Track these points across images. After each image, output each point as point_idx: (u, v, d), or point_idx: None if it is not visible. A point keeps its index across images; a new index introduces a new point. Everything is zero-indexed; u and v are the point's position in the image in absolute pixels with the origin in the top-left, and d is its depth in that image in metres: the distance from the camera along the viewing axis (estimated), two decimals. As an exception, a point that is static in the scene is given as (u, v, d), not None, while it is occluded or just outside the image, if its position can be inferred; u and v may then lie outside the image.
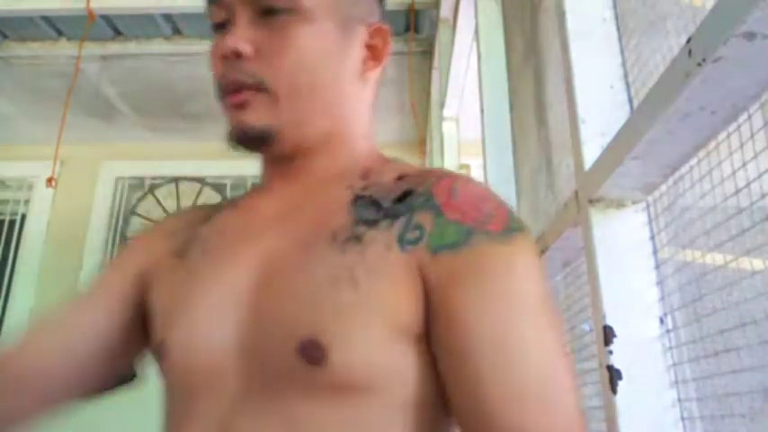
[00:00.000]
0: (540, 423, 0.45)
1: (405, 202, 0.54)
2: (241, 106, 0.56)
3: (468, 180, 0.55)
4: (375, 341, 0.49)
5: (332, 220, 0.55)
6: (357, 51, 0.61)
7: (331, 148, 0.60)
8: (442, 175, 0.56)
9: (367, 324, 0.49)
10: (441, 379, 0.50)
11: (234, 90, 0.56)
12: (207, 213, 0.67)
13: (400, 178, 0.57)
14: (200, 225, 0.65)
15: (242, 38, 0.55)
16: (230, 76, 0.56)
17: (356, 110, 0.62)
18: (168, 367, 0.56)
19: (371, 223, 0.53)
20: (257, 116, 0.56)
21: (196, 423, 0.52)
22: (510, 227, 0.51)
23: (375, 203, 0.55)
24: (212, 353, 0.54)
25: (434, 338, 0.50)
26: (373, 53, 0.62)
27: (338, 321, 0.49)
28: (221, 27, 0.59)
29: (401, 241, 0.51)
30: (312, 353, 0.48)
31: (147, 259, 0.64)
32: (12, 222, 2.91)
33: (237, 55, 0.55)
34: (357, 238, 0.52)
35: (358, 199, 0.56)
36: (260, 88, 0.55)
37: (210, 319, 0.55)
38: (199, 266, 0.59)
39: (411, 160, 2.89)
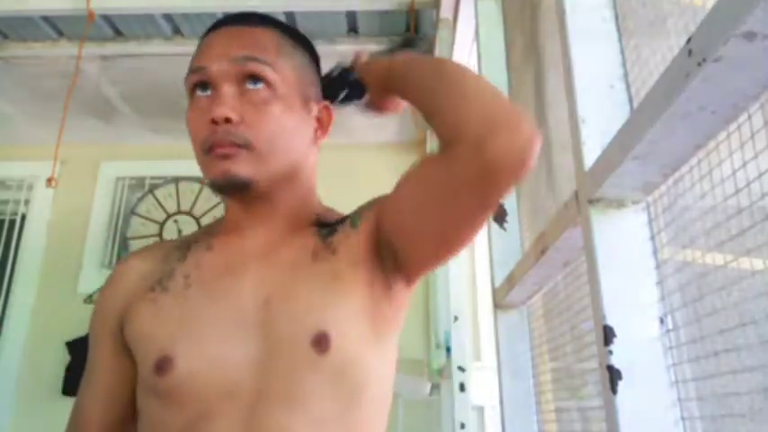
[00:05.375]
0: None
1: (344, 220, 0.77)
2: (227, 157, 0.69)
3: None
4: (357, 332, 0.68)
5: (308, 247, 0.74)
6: (311, 123, 0.78)
7: (289, 195, 0.77)
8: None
9: (351, 316, 0.69)
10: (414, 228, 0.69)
11: (222, 145, 0.69)
12: (176, 249, 0.79)
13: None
14: (175, 262, 0.77)
15: (230, 107, 0.70)
16: (221, 135, 0.69)
17: (308, 167, 0.79)
18: (175, 379, 0.66)
19: (332, 233, 0.75)
20: (240, 167, 0.70)
21: (219, 423, 0.64)
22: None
23: (328, 225, 0.76)
24: (227, 362, 0.67)
25: (391, 213, 0.71)
26: (321, 125, 0.79)
27: (333, 314, 0.68)
28: (201, 87, 0.72)
29: (353, 225, 0.74)
30: (322, 343, 0.65)
31: (123, 303, 0.75)
32: (12, 222, 2.90)
33: (227, 120, 0.69)
34: (329, 249, 0.73)
35: (320, 228, 0.76)
36: (245, 147, 0.70)
37: (219, 335, 0.68)
38: (189, 296, 0.72)
39: (411, 160, 2.89)
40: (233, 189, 0.72)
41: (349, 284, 0.70)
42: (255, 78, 0.71)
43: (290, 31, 0.79)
